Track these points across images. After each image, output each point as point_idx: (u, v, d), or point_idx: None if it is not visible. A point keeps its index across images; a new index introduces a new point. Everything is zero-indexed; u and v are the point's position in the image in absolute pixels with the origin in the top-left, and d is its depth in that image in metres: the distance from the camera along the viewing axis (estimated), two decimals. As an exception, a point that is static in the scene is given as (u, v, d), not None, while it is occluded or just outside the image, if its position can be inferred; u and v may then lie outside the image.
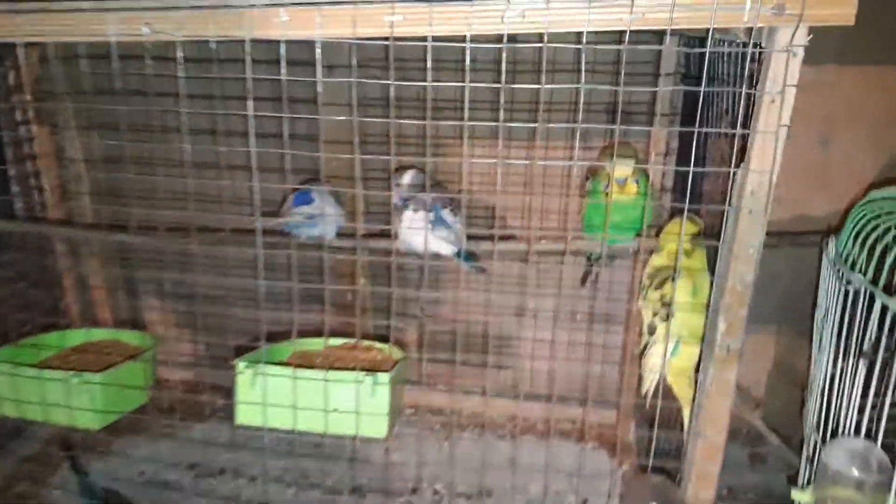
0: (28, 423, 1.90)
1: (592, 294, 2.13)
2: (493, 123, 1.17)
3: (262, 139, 1.21)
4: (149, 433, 2.11)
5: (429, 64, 1.09)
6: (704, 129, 1.33)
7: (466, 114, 1.06)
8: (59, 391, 1.53)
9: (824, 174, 1.93)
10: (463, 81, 1.10)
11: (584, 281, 2.04)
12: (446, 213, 1.57)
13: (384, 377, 1.38)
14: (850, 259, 1.32)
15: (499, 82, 1.10)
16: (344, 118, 1.31)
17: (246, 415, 1.41)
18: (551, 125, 1.85)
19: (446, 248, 1.55)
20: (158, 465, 1.92)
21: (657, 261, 1.56)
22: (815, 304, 1.48)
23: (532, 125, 1.17)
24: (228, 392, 1.52)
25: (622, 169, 1.52)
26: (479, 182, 2.04)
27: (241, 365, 1.43)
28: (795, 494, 1.29)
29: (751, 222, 1.17)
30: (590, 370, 2.11)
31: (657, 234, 1.61)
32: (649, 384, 1.55)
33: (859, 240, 1.30)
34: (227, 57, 1.30)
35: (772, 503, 2.04)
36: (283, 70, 1.14)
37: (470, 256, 1.63)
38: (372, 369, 1.58)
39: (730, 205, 1.21)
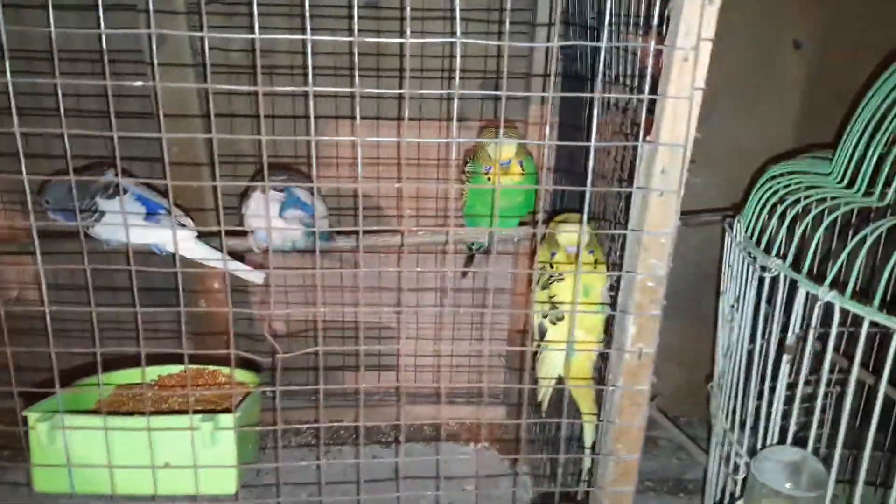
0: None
1: (473, 286, 1.96)
2: (347, 90, 0.93)
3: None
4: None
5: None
6: (609, 95, 1.15)
7: (311, 79, 0.81)
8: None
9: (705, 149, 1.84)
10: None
11: (464, 272, 1.86)
12: (302, 193, 1.33)
13: (226, 419, 1.12)
14: (760, 240, 1.19)
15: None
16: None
17: (46, 480, 1.11)
18: (424, 92, 1.64)
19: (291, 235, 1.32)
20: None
21: (542, 255, 1.38)
22: (717, 291, 1.36)
23: (398, 92, 0.92)
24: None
25: (506, 149, 1.33)
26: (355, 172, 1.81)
27: (33, 417, 1.12)
28: None
29: (662, 206, 1.01)
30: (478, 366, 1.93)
31: (545, 223, 1.44)
32: (544, 393, 1.38)
33: (772, 220, 1.17)
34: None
35: (667, 487, 1.97)
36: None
37: (327, 236, 1.41)
38: (218, 404, 1.32)
39: (632, 184, 1.04)
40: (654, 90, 0.97)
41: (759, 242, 1.21)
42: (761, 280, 1.14)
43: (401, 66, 1.74)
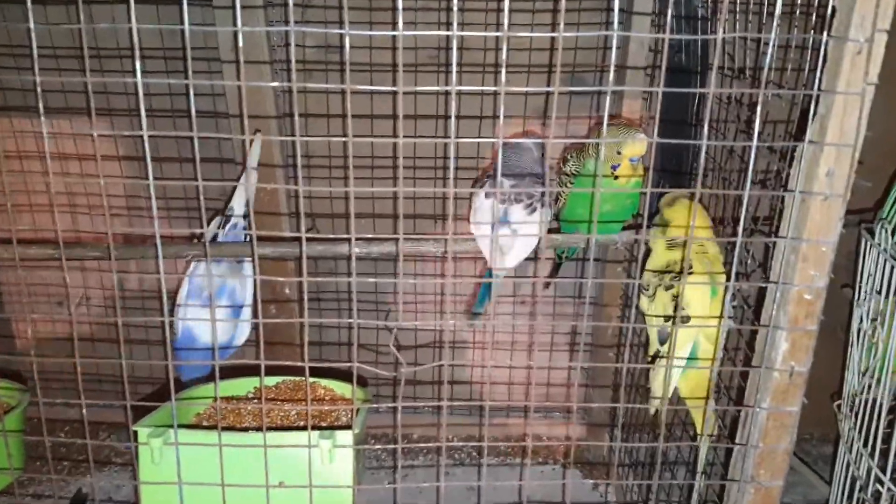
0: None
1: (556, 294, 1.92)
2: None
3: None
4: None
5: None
6: (772, 92, 1.11)
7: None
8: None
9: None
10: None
11: (548, 282, 1.82)
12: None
13: (345, 436, 1.09)
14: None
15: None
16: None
17: (155, 499, 1.08)
18: (516, 90, 1.61)
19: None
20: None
21: (663, 255, 1.34)
22: (851, 304, 1.31)
23: (492, 89, 0.89)
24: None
25: (640, 145, 1.29)
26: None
27: (144, 432, 1.10)
28: None
29: (826, 211, 0.97)
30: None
31: (653, 222, 1.40)
32: (658, 406, 1.34)
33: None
34: None
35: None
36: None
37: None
38: (323, 420, 1.29)
39: (787, 189, 1.00)
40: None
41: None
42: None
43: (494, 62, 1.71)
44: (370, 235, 1.04)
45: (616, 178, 1.39)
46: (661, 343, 1.30)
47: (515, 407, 2.01)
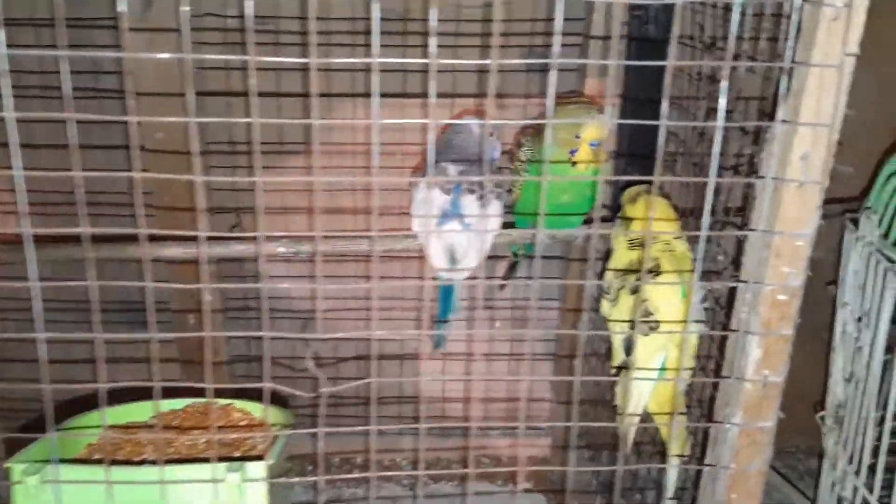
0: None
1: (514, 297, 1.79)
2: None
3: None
4: None
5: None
6: (734, 64, 1.00)
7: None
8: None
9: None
10: None
11: (504, 282, 1.68)
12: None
13: (257, 468, 0.97)
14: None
15: None
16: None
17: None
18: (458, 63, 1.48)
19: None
20: None
21: (625, 254, 1.22)
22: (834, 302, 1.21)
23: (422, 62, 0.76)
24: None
25: (600, 128, 1.18)
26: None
27: (18, 469, 0.97)
28: None
29: (801, 200, 0.87)
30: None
31: (617, 217, 1.29)
32: (626, 426, 1.22)
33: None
34: None
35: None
36: None
37: None
38: (237, 449, 1.17)
39: (757, 175, 0.89)
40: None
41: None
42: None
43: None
44: (282, 234, 0.92)
45: (574, 164, 1.28)
46: (628, 353, 1.19)
47: (469, 423, 1.90)
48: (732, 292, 0.99)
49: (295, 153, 1.66)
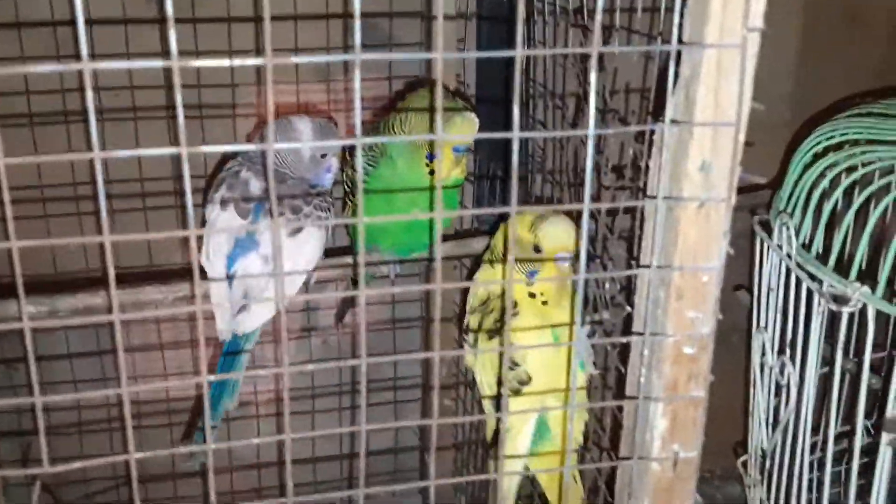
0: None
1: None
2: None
3: None
4: None
5: None
6: (607, 49, 0.82)
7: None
8: None
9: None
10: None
11: (340, 317, 1.46)
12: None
13: None
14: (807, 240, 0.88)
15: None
16: None
17: None
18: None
19: None
20: None
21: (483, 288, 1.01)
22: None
23: None
24: None
25: (469, 126, 0.98)
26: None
27: None
28: None
29: (703, 224, 0.68)
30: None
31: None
32: (508, 488, 1.03)
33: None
34: None
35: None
36: None
37: None
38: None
39: (645, 194, 0.71)
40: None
41: (809, 246, 0.90)
42: (833, 315, 0.82)
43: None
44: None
45: (432, 172, 1.06)
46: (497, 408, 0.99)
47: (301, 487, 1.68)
48: (629, 326, 0.81)
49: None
